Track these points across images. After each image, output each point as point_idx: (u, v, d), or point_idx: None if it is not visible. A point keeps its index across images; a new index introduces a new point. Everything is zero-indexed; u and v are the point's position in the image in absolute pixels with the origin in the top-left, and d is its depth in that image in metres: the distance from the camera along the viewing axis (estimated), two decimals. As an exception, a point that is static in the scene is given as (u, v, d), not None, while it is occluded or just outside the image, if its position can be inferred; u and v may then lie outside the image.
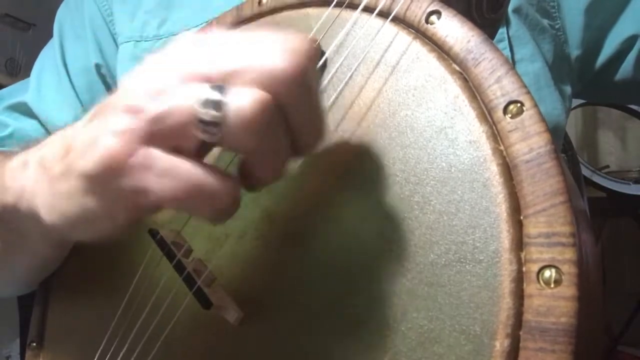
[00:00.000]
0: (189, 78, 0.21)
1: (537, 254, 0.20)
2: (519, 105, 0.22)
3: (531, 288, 0.20)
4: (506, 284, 0.21)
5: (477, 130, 0.23)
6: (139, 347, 0.30)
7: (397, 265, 0.23)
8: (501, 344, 0.20)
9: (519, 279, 0.20)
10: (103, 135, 0.22)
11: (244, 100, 0.20)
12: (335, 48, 0.29)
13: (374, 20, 0.28)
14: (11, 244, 0.33)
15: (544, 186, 0.21)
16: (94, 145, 0.22)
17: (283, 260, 0.27)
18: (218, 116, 0.20)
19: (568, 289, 0.19)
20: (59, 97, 0.53)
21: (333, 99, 0.28)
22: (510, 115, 0.22)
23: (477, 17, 0.32)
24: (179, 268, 0.27)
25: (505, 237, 0.21)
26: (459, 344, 0.21)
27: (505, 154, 0.22)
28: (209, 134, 0.21)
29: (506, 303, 0.20)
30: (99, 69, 0.53)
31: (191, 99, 0.20)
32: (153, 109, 0.21)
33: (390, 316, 0.23)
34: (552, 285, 0.20)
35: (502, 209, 0.21)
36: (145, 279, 0.31)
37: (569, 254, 0.20)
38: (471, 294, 0.21)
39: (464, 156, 0.23)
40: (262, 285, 0.27)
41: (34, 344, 0.37)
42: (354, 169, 0.26)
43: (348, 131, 0.27)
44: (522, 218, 0.21)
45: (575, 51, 0.47)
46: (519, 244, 0.21)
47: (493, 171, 0.22)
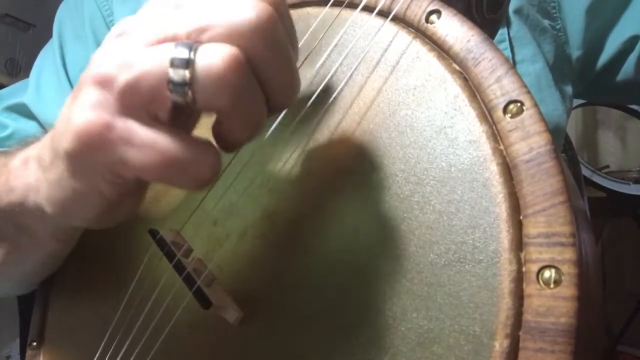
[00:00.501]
0: (156, 40, 0.21)
1: (537, 254, 0.20)
2: (519, 104, 0.22)
3: (531, 288, 0.20)
4: (506, 284, 0.21)
5: (477, 130, 0.23)
6: (138, 346, 0.29)
7: (396, 265, 0.23)
8: (500, 344, 0.20)
9: (519, 279, 0.20)
10: (76, 112, 0.21)
11: (213, 56, 0.19)
12: (335, 47, 0.28)
13: (373, 20, 0.28)
14: (17, 242, 0.34)
15: (543, 186, 0.21)
16: (68, 123, 0.22)
17: (283, 260, 0.27)
18: (187, 75, 0.20)
19: (568, 289, 0.19)
20: (58, 98, 0.53)
21: (333, 98, 0.28)
22: (510, 115, 0.22)
23: (477, 17, 0.32)
24: (179, 268, 0.27)
25: (505, 237, 0.21)
26: (458, 344, 0.21)
27: (505, 153, 0.22)
28: (180, 94, 0.20)
29: (506, 303, 0.20)
30: None
31: (159, 60, 0.20)
32: (122, 77, 0.21)
33: (390, 316, 0.23)
34: (552, 286, 0.20)
35: (501, 208, 0.21)
36: (145, 279, 0.31)
37: (569, 254, 0.20)
38: (471, 294, 0.21)
39: (463, 156, 0.23)
40: (262, 285, 0.27)
41: (34, 343, 0.37)
42: (353, 169, 0.26)
43: (348, 131, 0.27)
44: (521, 218, 0.21)
45: (576, 52, 0.47)
46: (519, 244, 0.21)
47: (493, 171, 0.22)
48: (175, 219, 0.31)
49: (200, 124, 0.26)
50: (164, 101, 0.21)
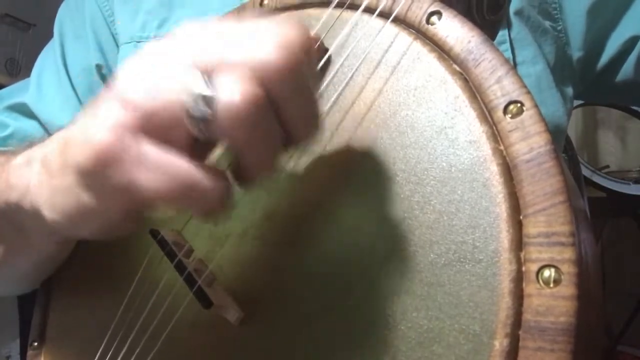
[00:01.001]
0: (182, 68, 0.21)
1: (537, 254, 0.20)
2: (519, 105, 0.22)
3: (530, 288, 0.20)
4: (505, 284, 0.21)
5: (477, 130, 0.23)
6: (139, 346, 0.30)
7: (397, 265, 0.23)
8: (500, 343, 0.20)
9: (519, 279, 0.21)
10: (96, 130, 0.22)
11: (234, 95, 0.20)
12: (336, 48, 0.29)
13: (374, 21, 0.28)
14: (15, 241, 0.34)
15: (543, 186, 0.21)
16: (87, 139, 0.22)
17: (283, 260, 0.27)
18: (208, 112, 0.20)
19: (567, 289, 0.19)
20: (59, 98, 0.53)
21: (334, 99, 0.28)
22: (510, 115, 0.23)
23: (478, 19, 0.32)
24: (180, 268, 0.27)
25: (504, 236, 0.21)
26: (458, 343, 0.21)
27: (505, 153, 0.22)
28: (199, 129, 0.21)
29: (505, 302, 0.20)
30: (99, 70, 0.53)
31: (182, 93, 0.20)
32: (145, 103, 0.21)
33: (390, 315, 0.23)
34: (552, 285, 0.20)
35: (501, 208, 0.22)
36: (146, 279, 0.31)
37: (568, 253, 0.20)
38: (471, 294, 0.21)
39: (464, 156, 0.23)
40: (263, 285, 0.27)
41: (35, 343, 0.37)
42: (354, 169, 0.26)
43: (349, 131, 0.27)
44: (521, 218, 0.21)
45: (577, 53, 0.47)
46: (519, 243, 0.21)
47: (493, 171, 0.22)
48: (176, 219, 0.32)
49: None
50: (182, 132, 0.21)
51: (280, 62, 0.20)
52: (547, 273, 0.20)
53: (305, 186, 0.27)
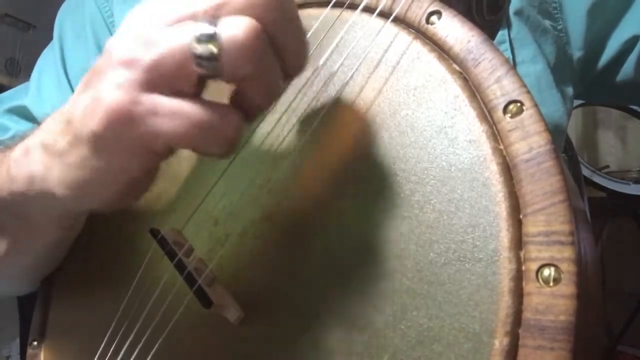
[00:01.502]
0: (177, 19, 0.22)
1: (536, 253, 0.20)
2: (518, 104, 0.22)
3: (530, 286, 0.20)
4: (505, 283, 0.21)
5: (477, 130, 0.23)
6: (139, 345, 0.30)
7: (397, 264, 0.23)
8: (500, 342, 0.20)
9: (518, 278, 0.21)
10: (105, 94, 0.22)
11: (237, 28, 0.21)
12: (335, 48, 0.29)
13: (374, 21, 0.28)
14: (18, 232, 0.34)
15: (543, 185, 0.21)
16: (97, 104, 0.22)
17: (284, 259, 0.27)
18: (214, 48, 0.21)
19: (567, 287, 0.20)
20: (58, 100, 0.53)
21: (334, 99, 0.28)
22: (510, 115, 0.23)
23: (477, 18, 0.32)
24: (180, 267, 0.27)
25: (504, 235, 0.21)
26: (458, 342, 0.21)
27: (505, 153, 0.22)
28: (207, 67, 0.21)
29: (505, 301, 0.20)
30: None
31: (183, 37, 0.21)
32: (148, 56, 0.22)
33: (390, 314, 0.23)
34: (551, 284, 0.20)
35: (501, 207, 0.22)
36: (146, 278, 0.31)
37: (568, 252, 0.20)
38: (470, 293, 0.21)
39: (464, 155, 0.23)
40: (263, 284, 0.27)
41: (35, 342, 0.37)
42: (354, 168, 0.26)
43: (349, 131, 0.27)
44: (521, 217, 0.21)
45: (577, 52, 0.47)
46: (518, 242, 0.21)
47: (493, 170, 0.22)
48: (176, 219, 0.32)
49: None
50: (189, 75, 0.22)
51: None
52: (546, 272, 0.20)
53: (304, 186, 0.28)
